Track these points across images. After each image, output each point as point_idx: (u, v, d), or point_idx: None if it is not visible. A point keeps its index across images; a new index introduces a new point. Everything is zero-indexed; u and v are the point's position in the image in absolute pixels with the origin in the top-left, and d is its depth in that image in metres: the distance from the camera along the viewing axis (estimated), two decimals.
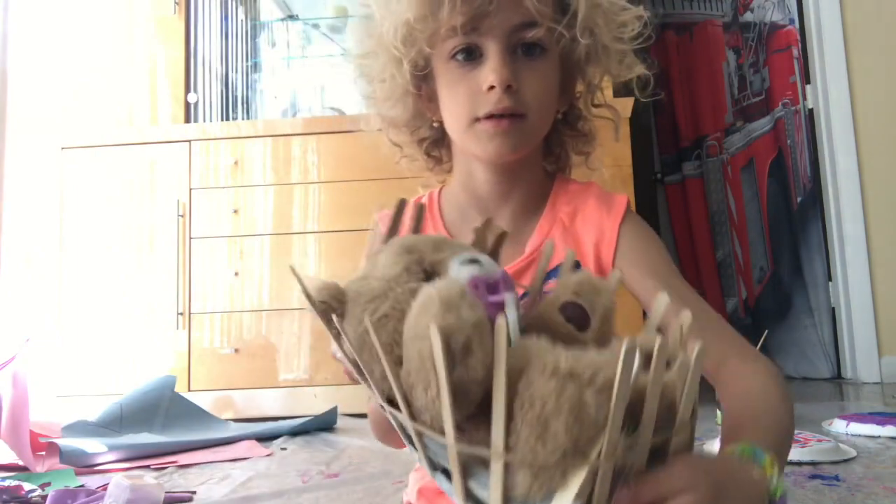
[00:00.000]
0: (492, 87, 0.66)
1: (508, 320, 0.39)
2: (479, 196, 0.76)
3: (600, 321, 0.47)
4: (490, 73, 0.66)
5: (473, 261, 0.44)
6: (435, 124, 0.77)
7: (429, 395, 0.39)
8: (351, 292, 0.46)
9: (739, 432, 0.54)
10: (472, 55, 0.68)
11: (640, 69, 0.74)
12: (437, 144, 0.80)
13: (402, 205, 0.52)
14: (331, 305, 0.45)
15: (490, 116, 0.67)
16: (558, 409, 0.35)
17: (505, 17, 0.66)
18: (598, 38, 0.69)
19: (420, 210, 0.53)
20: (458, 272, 0.43)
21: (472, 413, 0.39)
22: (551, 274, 0.70)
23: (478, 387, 0.38)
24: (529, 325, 0.48)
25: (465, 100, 0.69)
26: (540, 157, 0.78)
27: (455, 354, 0.37)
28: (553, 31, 0.67)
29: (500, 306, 0.42)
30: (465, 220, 0.77)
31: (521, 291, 0.68)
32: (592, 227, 0.73)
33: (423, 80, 0.73)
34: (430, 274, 0.44)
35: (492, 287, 0.42)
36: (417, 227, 0.52)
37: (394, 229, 0.52)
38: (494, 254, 0.52)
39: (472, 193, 0.76)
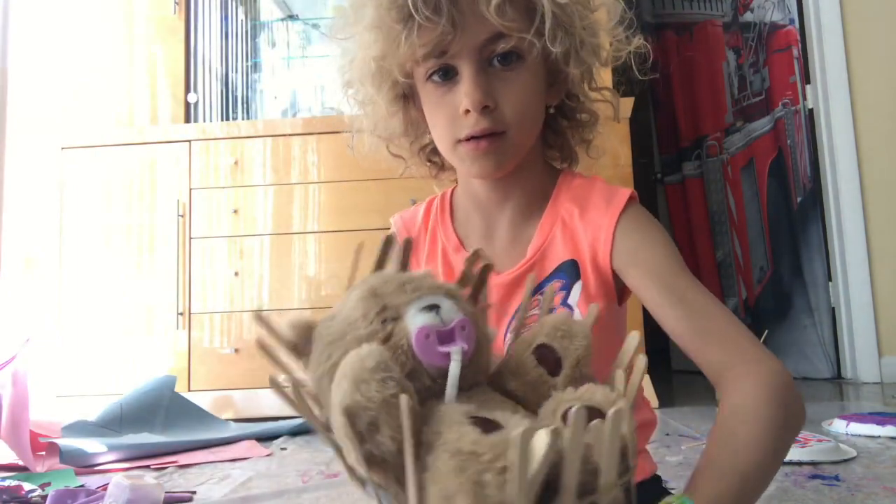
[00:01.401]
0: (468, 111, 0.65)
1: (450, 376, 0.39)
2: (479, 202, 0.75)
3: (572, 366, 0.46)
4: (464, 96, 0.64)
5: (432, 307, 0.43)
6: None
7: (349, 460, 0.40)
8: (317, 332, 0.46)
9: (696, 478, 0.52)
10: (448, 75, 0.66)
11: (629, 47, 0.72)
12: (437, 151, 0.78)
13: (389, 241, 0.51)
14: (296, 345, 0.46)
15: (469, 138, 0.66)
16: (459, 487, 0.34)
17: (471, 34, 0.63)
18: (574, 36, 0.67)
19: (407, 245, 0.51)
20: (413, 320, 0.42)
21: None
22: (551, 277, 0.70)
23: (395, 457, 0.38)
24: (502, 365, 0.48)
25: (444, 122, 0.68)
26: (539, 155, 0.76)
27: (362, 432, 0.37)
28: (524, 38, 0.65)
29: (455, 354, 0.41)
30: (470, 221, 0.77)
31: (515, 306, 0.69)
32: (590, 224, 0.70)
33: (411, 97, 0.73)
34: (392, 318, 0.43)
35: (445, 336, 0.41)
36: (405, 264, 0.51)
37: (380, 265, 0.51)
38: (479, 288, 0.51)
39: (472, 199, 0.76)
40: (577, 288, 0.70)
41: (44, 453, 1.53)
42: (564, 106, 0.75)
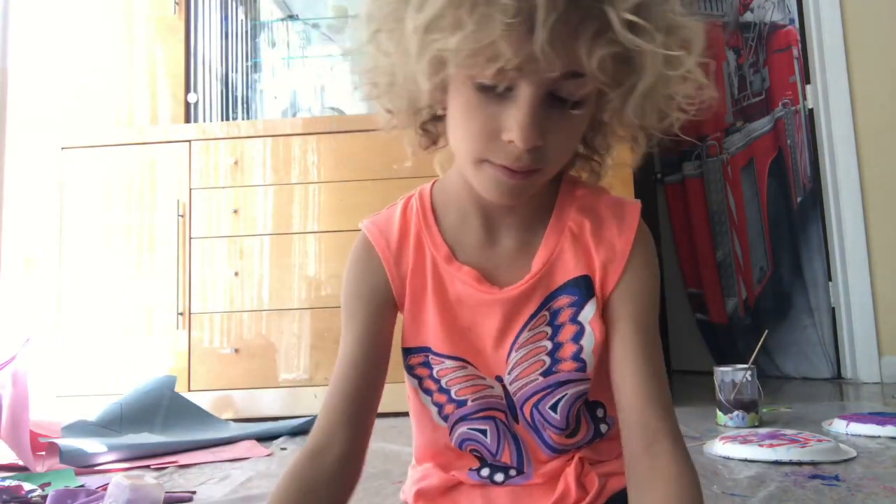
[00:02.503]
0: (511, 141, 0.56)
1: None
2: (486, 203, 0.66)
3: None
4: (515, 127, 0.55)
5: None
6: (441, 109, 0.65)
7: None
8: None
9: None
10: (501, 89, 0.55)
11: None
12: (436, 121, 0.67)
13: None
14: None
15: (502, 166, 0.58)
16: None
17: (558, 62, 0.52)
18: (654, 101, 0.60)
19: None
20: None
21: None
22: (560, 291, 0.67)
23: None
24: None
25: (477, 136, 0.58)
26: None
27: None
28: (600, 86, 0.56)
29: None
30: (467, 225, 0.68)
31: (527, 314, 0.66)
32: (604, 242, 0.66)
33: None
34: None
35: None
36: None
37: None
38: None
39: (476, 201, 0.67)
40: (590, 305, 0.66)
41: (44, 453, 1.53)
42: (587, 134, 0.68)
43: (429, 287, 0.68)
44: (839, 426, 1.55)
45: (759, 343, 1.77)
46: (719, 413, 1.71)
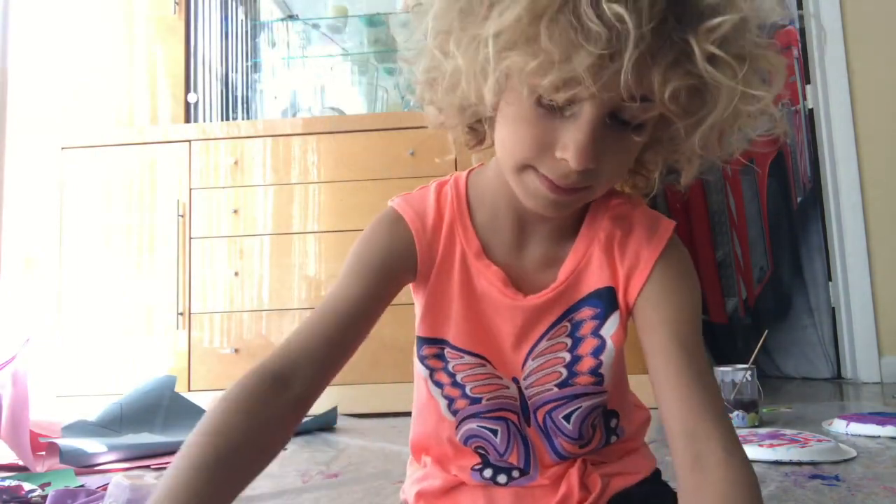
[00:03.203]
0: (564, 159, 0.54)
1: None
2: (521, 208, 0.63)
3: None
4: (572, 147, 0.52)
5: None
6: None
7: None
8: None
9: None
10: (562, 105, 0.53)
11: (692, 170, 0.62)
12: (483, 121, 0.64)
13: None
14: None
15: (548, 179, 0.56)
16: None
17: (629, 85, 0.49)
18: (721, 131, 0.57)
19: None
20: None
21: None
22: (583, 302, 0.65)
23: None
24: None
25: (529, 147, 0.55)
26: None
27: None
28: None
29: None
30: (498, 225, 0.66)
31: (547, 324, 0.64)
32: (629, 252, 0.64)
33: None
34: None
35: None
36: None
37: None
38: None
39: (511, 202, 0.64)
40: (613, 319, 0.64)
41: (44, 453, 1.52)
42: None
43: (455, 279, 0.66)
44: (839, 426, 1.55)
45: (759, 343, 1.77)
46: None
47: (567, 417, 0.67)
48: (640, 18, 0.47)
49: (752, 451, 1.30)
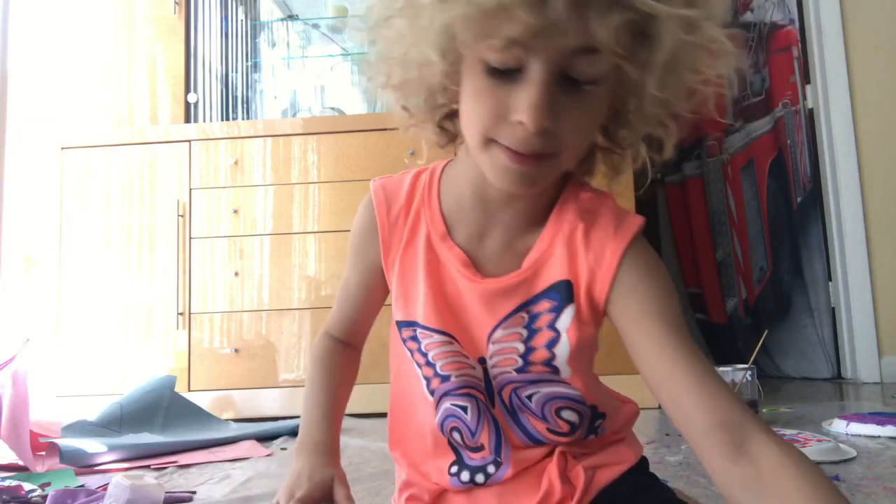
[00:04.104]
0: (521, 122, 0.54)
1: None
2: (484, 195, 0.65)
3: None
4: (524, 106, 0.53)
5: None
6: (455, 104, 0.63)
7: None
8: None
9: None
10: (510, 70, 0.54)
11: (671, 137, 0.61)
12: (452, 118, 0.65)
13: None
14: None
15: (509, 149, 0.56)
16: None
17: (561, 36, 0.50)
18: (678, 77, 0.56)
19: None
20: None
21: None
22: (542, 295, 0.65)
23: None
24: None
25: (486, 118, 0.56)
26: None
27: None
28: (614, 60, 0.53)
29: None
30: (463, 214, 0.68)
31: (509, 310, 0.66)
32: (593, 246, 0.63)
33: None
34: None
35: None
36: None
37: None
38: None
39: (477, 188, 0.66)
40: (568, 312, 0.64)
41: (44, 453, 1.53)
42: (610, 126, 0.64)
43: (420, 260, 0.68)
44: (839, 426, 1.55)
45: (759, 343, 1.77)
46: None
47: (529, 398, 0.69)
48: None
49: None
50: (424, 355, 0.69)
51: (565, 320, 0.64)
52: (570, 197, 0.67)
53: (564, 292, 0.64)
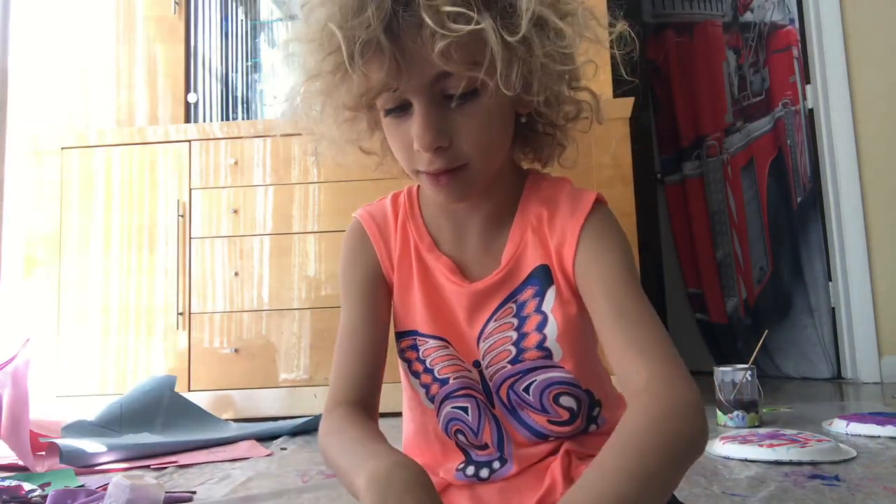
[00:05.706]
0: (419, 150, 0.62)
1: None
2: (448, 207, 0.71)
3: None
4: (415, 136, 0.61)
5: None
6: None
7: None
8: None
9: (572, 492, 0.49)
10: (403, 107, 0.62)
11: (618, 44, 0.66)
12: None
13: None
14: None
15: (426, 173, 0.64)
16: None
17: (419, 73, 0.59)
18: (533, 65, 0.61)
19: None
20: None
21: None
22: (525, 284, 0.69)
23: None
24: None
25: (401, 153, 0.65)
26: (508, 162, 0.72)
27: None
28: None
29: None
30: (440, 221, 0.73)
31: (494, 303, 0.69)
32: (556, 228, 0.68)
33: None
34: None
35: None
36: None
37: None
38: None
39: (440, 205, 0.72)
40: (550, 293, 0.68)
41: (44, 453, 1.53)
42: (539, 109, 0.68)
43: (414, 271, 0.72)
44: (839, 426, 1.55)
45: (759, 343, 1.77)
46: (719, 413, 1.71)
47: (526, 390, 0.70)
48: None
49: (752, 452, 1.30)
50: (423, 362, 0.72)
51: (549, 301, 0.68)
52: (531, 191, 0.72)
53: (544, 276, 0.69)
